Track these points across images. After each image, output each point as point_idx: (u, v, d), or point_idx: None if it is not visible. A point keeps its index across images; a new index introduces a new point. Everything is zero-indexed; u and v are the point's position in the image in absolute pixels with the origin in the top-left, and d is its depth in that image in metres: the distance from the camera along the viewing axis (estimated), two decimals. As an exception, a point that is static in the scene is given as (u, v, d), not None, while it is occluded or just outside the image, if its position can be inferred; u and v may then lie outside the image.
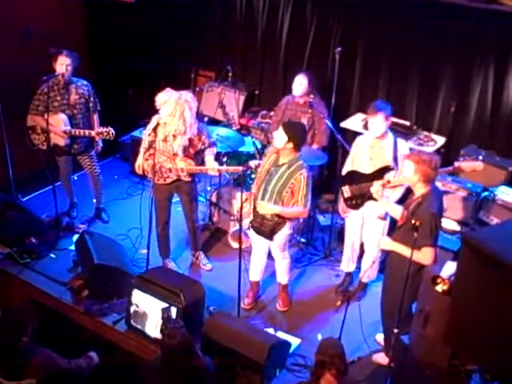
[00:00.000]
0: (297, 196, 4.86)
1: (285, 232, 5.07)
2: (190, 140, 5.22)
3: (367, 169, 5.12)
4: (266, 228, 5.02)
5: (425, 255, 4.24)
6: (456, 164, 4.84)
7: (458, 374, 3.70)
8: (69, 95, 5.82)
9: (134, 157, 7.11)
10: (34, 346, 4.00)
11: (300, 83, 6.05)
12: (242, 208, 4.84)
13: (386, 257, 4.76)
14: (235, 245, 5.90)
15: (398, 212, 4.63)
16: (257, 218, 5.05)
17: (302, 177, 4.82)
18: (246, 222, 5.21)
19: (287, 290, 5.48)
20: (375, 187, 4.74)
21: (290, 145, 4.79)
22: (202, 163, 5.40)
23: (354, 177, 5.19)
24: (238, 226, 5.11)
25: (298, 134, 4.85)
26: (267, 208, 4.91)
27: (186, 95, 5.17)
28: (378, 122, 4.95)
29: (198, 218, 5.81)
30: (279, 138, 4.81)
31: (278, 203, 4.90)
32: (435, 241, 4.31)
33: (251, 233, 5.24)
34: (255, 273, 5.43)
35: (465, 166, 4.86)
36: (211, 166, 5.29)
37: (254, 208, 5.06)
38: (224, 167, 5.38)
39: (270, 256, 5.40)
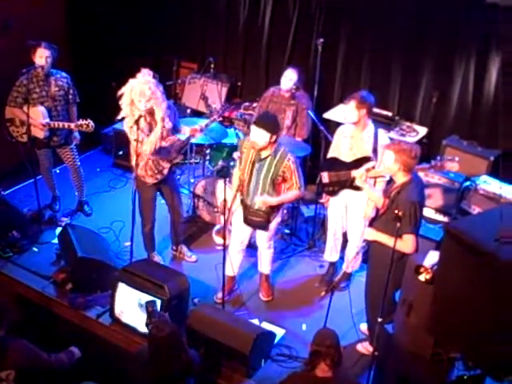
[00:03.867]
0: (290, 181, 4.90)
1: (277, 220, 5.14)
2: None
3: (347, 158, 5.14)
4: (262, 218, 5.01)
5: (406, 243, 4.26)
6: (432, 163, 4.88)
7: (442, 361, 3.74)
8: (48, 87, 5.75)
9: (117, 149, 7.16)
10: (9, 338, 3.96)
11: (290, 78, 6.01)
12: (225, 201, 4.81)
13: (369, 247, 4.79)
14: (219, 240, 5.86)
15: (379, 199, 4.64)
16: (247, 210, 5.05)
17: (291, 162, 4.85)
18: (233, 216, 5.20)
19: (269, 279, 5.49)
20: (359, 171, 4.77)
21: (274, 137, 4.78)
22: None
23: (335, 164, 5.23)
24: (223, 220, 5.08)
25: (275, 123, 4.84)
26: (266, 202, 4.91)
27: (144, 76, 5.01)
28: (350, 109, 5.00)
29: (183, 211, 5.80)
30: (260, 137, 4.75)
31: (272, 193, 4.93)
32: (416, 229, 4.32)
33: (235, 224, 5.23)
34: (233, 267, 5.34)
35: (440, 166, 4.90)
36: (188, 130, 5.25)
37: (242, 202, 5.05)
38: (204, 122, 5.39)
39: (252, 246, 5.41)
